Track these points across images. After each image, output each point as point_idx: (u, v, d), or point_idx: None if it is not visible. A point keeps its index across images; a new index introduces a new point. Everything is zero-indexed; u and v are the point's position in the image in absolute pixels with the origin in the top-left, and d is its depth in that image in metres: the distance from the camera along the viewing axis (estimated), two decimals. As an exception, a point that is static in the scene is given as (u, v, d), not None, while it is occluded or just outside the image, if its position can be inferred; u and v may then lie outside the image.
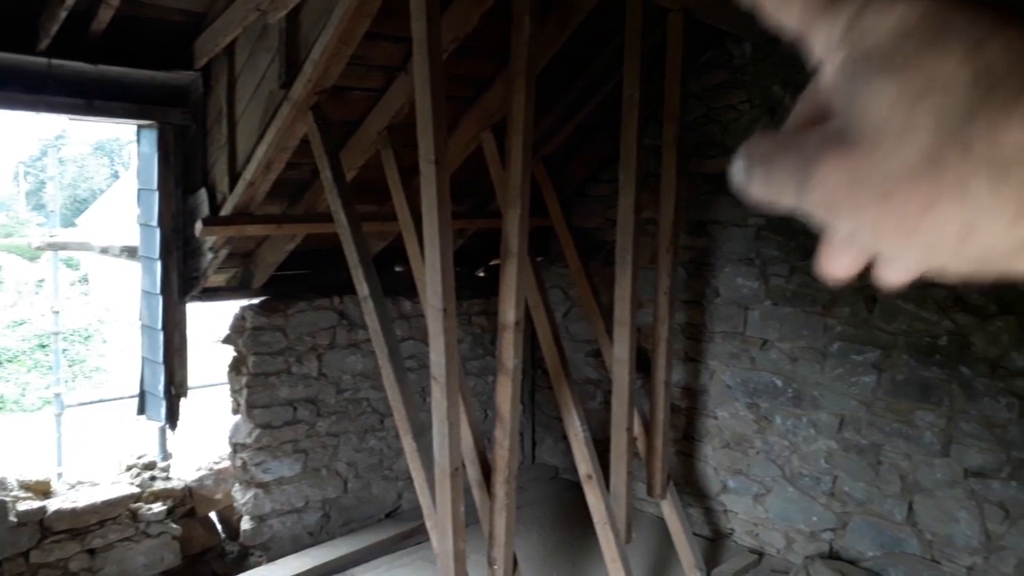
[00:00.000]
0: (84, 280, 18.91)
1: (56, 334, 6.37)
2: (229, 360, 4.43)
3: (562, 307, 5.54)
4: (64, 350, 14.55)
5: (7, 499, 3.63)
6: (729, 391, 4.72)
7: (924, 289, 3.94)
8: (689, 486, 4.91)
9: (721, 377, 4.75)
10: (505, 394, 3.34)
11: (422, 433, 3.37)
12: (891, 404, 4.07)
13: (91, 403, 6.43)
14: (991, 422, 3.77)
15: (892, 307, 4.04)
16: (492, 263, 5.82)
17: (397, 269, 5.26)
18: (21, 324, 15.81)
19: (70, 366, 13.90)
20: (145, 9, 3.56)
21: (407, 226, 3.78)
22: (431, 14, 2.79)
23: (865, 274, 0.36)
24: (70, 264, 17.47)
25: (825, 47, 0.30)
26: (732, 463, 4.73)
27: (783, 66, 4.38)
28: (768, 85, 4.46)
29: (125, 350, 9.09)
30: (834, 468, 4.31)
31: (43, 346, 14.75)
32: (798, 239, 4.38)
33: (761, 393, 4.58)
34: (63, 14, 3.31)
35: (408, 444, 3.35)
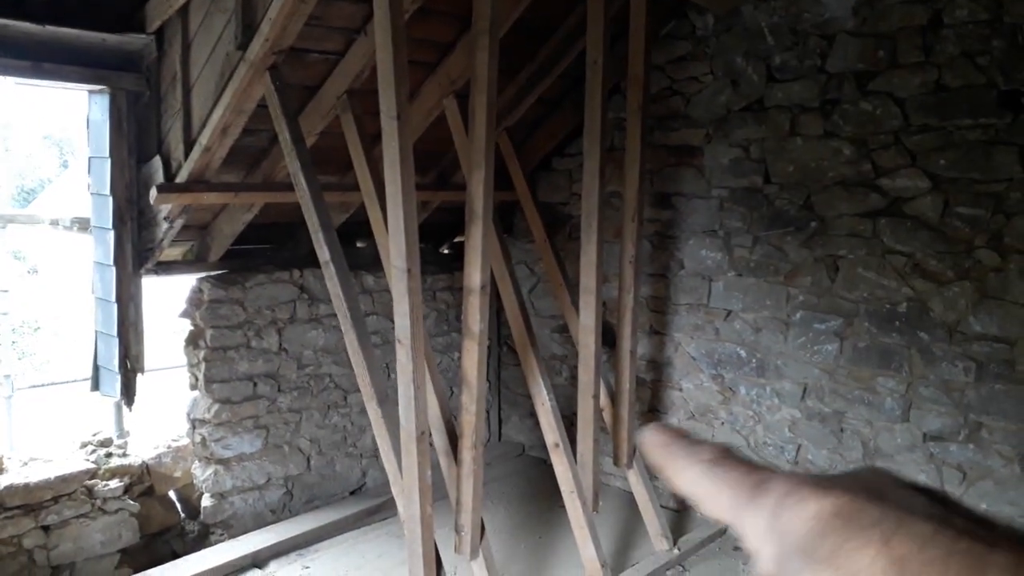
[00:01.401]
0: (33, 271, 18.39)
1: (3, 315, 6.16)
2: (185, 334, 4.32)
3: (527, 283, 5.52)
4: (13, 342, 14.15)
5: (-47, 475, 3.50)
6: (694, 363, 4.74)
7: (884, 257, 3.99)
8: (654, 458, 4.92)
9: (686, 349, 4.76)
10: (471, 360, 3.31)
11: (387, 399, 3.32)
12: (853, 372, 4.12)
13: (43, 386, 6.26)
14: (949, 386, 3.83)
15: (853, 275, 4.09)
16: (457, 239, 5.77)
17: (359, 245, 5.19)
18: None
19: (19, 359, 13.51)
20: (95, -31, 3.45)
21: (369, 194, 3.71)
22: (392, -34, 2.72)
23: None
24: (18, 257, 16.98)
25: (754, 538, 0.33)
26: (698, 434, 4.75)
27: (745, 38, 4.40)
28: (731, 57, 4.47)
29: (77, 341, 8.84)
30: (798, 437, 4.36)
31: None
32: (760, 210, 4.40)
33: (725, 364, 4.60)
34: (8, -31, 3.19)
35: (372, 410, 3.30)
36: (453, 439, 3.47)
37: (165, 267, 4.30)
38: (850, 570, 0.27)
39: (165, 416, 5.17)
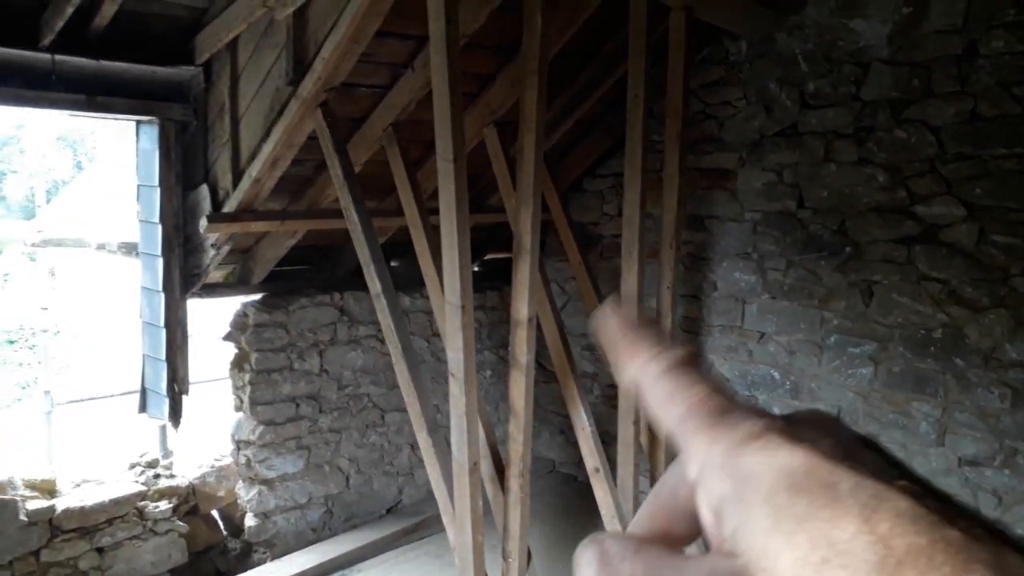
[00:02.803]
0: (51, 274, 18.54)
1: (44, 331, 6.27)
2: (231, 357, 4.41)
3: (558, 301, 5.59)
4: (33, 346, 14.28)
5: (16, 498, 3.60)
6: (727, 384, 4.80)
7: (919, 283, 4.05)
8: (687, 477, 4.99)
9: (719, 370, 4.83)
10: (519, 390, 3.38)
11: (437, 428, 3.40)
12: (887, 396, 4.18)
13: (81, 401, 6.37)
14: (984, 412, 3.89)
15: (888, 301, 4.14)
16: (487, 256, 5.84)
17: (393, 264, 5.27)
18: (-10, 318, 15.46)
19: (39, 363, 13.65)
20: (147, 4, 3.53)
21: (414, 223, 3.78)
22: (449, 15, 2.80)
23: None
24: (34, 259, 17.12)
25: (701, 468, 0.29)
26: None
27: (779, 64, 4.45)
28: (765, 83, 4.53)
29: (114, 358, 8.97)
30: (831, 458, 4.41)
31: (11, 342, 14.46)
32: (794, 234, 4.46)
33: (759, 385, 4.67)
34: (69, 10, 3.27)
35: (423, 440, 3.38)
36: (499, 464, 3.55)
37: (209, 290, 4.39)
38: (827, 539, 0.24)
39: (204, 430, 5.27)
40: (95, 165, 17.28)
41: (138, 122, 4.05)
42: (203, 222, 3.80)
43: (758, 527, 0.26)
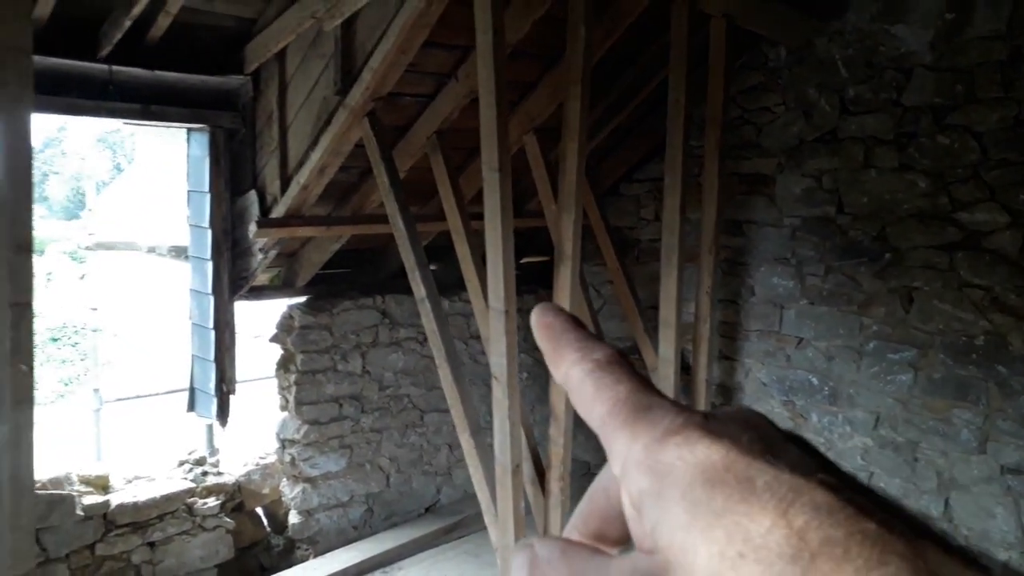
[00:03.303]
0: (100, 275, 18.96)
1: (94, 331, 6.45)
2: (277, 358, 4.53)
3: (594, 305, 5.63)
4: (75, 343, 14.65)
5: (73, 493, 3.74)
6: (765, 388, 4.81)
7: (961, 290, 4.03)
8: (723, 481, 5.01)
9: (756, 375, 4.84)
10: (559, 394, 3.44)
11: (480, 431, 3.47)
12: (927, 402, 4.16)
13: (128, 399, 6.56)
14: (1027, 420, 3.86)
15: (928, 307, 4.13)
16: (523, 260, 5.90)
17: (432, 268, 5.35)
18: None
19: (81, 359, 14.01)
20: (199, 16, 3.64)
21: (457, 228, 3.86)
22: (497, 27, 2.86)
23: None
24: (75, 257, 17.54)
25: (623, 464, 0.29)
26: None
27: (819, 70, 4.45)
28: (804, 88, 4.53)
29: (143, 346, 9.21)
30: (870, 464, 4.41)
31: (55, 339, 14.84)
32: (833, 240, 4.46)
33: (797, 391, 4.67)
34: (127, 23, 3.39)
35: (466, 441, 3.45)
36: (539, 466, 3.61)
37: (256, 292, 4.51)
38: (743, 534, 0.24)
39: (248, 429, 5.40)
40: (135, 167, 17.64)
41: (189, 129, 4.18)
42: (253, 227, 3.91)
43: (675, 522, 0.26)
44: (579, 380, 0.32)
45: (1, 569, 2.24)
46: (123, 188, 14.72)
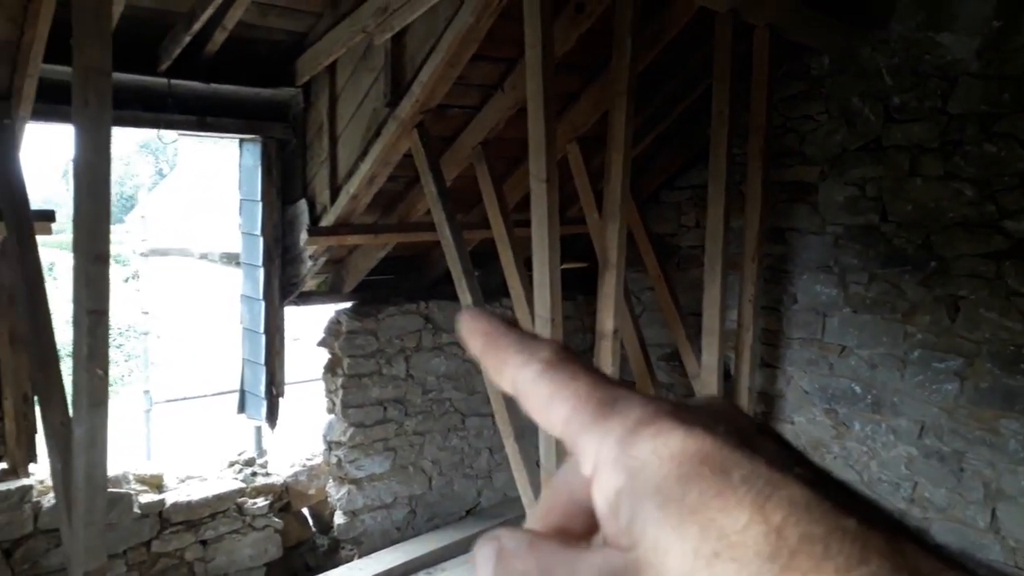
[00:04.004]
0: (135, 276, 19.40)
1: (145, 334, 6.66)
2: (324, 362, 4.64)
3: (634, 311, 5.66)
4: (120, 345, 15.00)
5: (130, 492, 3.88)
6: (807, 396, 4.80)
7: (1008, 299, 4.00)
8: (764, 488, 5.00)
9: (799, 383, 4.83)
10: (603, 400, 3.48)
11: (523, 436, 3.53)
12: (974, 412, 4.13)
13: (177, 400, 6.75)
14: (1077, 431, 3.81)
15: (975, 316, 4.10)
16: (561, 267, 5.95)
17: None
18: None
19: (126, 360, 14.35)
20: (253, 30, 3.75)
21: (501, 236, 3.93)
22: (546, 42, 2.93)
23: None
24: (118, 260, 17.95)
25: (593, 464, 0.27)
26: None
27: (863, 78, 4.45)
28: (847, 96, 4.53)
29: (191, 349, 9.45)
30: (914, 474, 4.38)
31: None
32: (877, 248, 4.45)
33: (839, 399, 4.66)
34: (187, 38, 3.52)
35: (511, 447, 3.52)
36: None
37: (304, 298, 4.62)
38: (718, 530, 0.23)
39: (295, 430, 5.52)
40: (177, 173, 18.01)
41: (241, 140, 4.31)
42: (304, 235, 4.03)
43: (649, 518, 0.25)
44: (530, 384, 0.30)
45: (76, 563, 2.36)
46: (166, 194, 15.08)
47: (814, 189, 4.70)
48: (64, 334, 3.80)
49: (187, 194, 11.10)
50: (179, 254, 5.95)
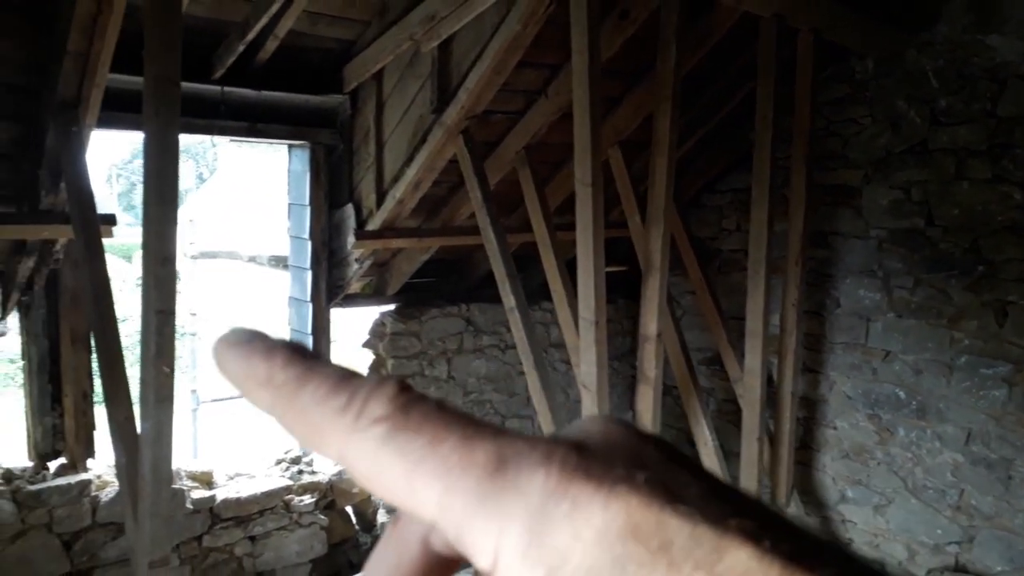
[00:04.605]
0: (183, 279, 19.79)
1: (193, 335, 6.83)
2: (368, 363, 4.72)
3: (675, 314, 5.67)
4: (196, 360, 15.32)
5: (184, 488, 3.99)
6: (849, 402, 4.77)
7: (1059, 304, 3.94)
8: (806, 495, 4.98)
9: (841, 388, 4.80)
10: (647, 403, 3.51)
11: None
12: (1023, 419, 4.07)
13: (224, 399, 6.91)
14: None
15: (1024, 322, 4.05)
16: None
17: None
18: (122, 321, 16.69)
19: (202, 374, 14.63)
20: (303, 38, 3.85)
21: (543, 240, 3.98)
22: (592, 49, 2.97)
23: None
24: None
25: (493, 559, 0.22)
26: (851, 473, 4.79)
27: (908, 81, 4.41)
28: (891, 99, 4.50)
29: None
30: (961, 481, 4.33)
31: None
32: (922, 252, 4.41)
33: (883, 404, 4.62)
34: (241, 47, 3.62)
35: (554, 448, 3.55)
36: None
37: (349, 300, 4.72)
38: None
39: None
40: (218, 177, 18.33)
41: (290, 146, 4.41)
42: (351, 239, 4.12)
43: None
44: (372, 454, 0.23)
45: (141, 553, 2.45)
46: (209, 197, 15.41)
47: (857, 193, 4.67)
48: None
49: (230, 198, 11.34)
50: (227, 257, 6.11)
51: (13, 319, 4.02)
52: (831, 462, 4.88)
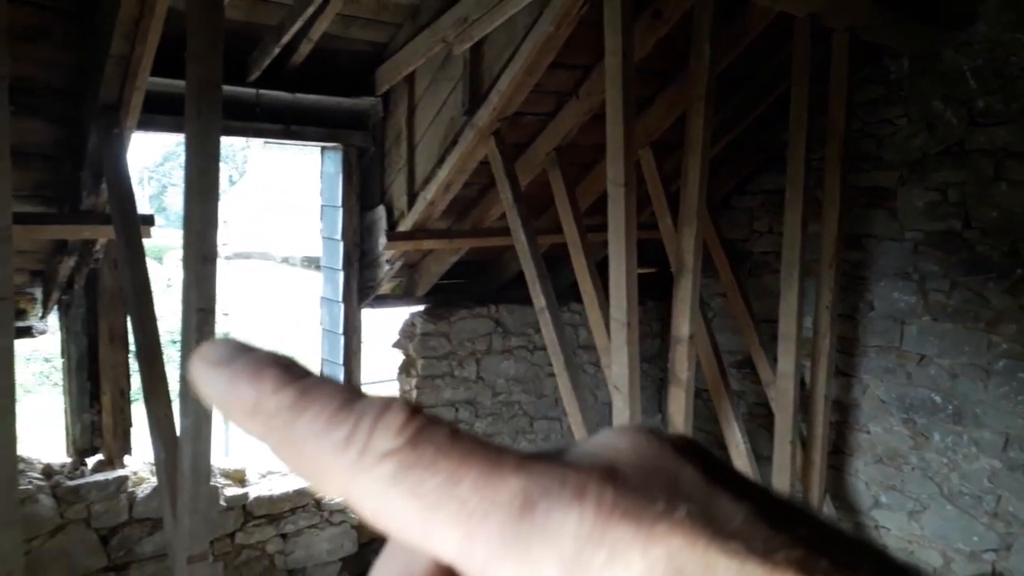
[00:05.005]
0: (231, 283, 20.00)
1: (226, 335, 6.92)
2: (399, 363, 4.76)
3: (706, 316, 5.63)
4: (174, 340, 15.53)
5: (217, 485, 4.04)
6: (883, 406, 4.71)
7: (1101, 308, 3.86)
8: (839, 500, 4.92)
9: (875, 392, 4.74)
10: (678, 405, 3.50)
11: (597, 439, 3.56)
12: (1063, 424, 3.99)
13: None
14: None
15: (1065, 325, 3.97)
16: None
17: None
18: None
19: None
20: (336, 41, 3.89)
21: (574, 241, 3.98)
22: (626, 49, 2.97)
23: None
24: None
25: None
26: (885, 478, 4.72)
27: (944, 81, 4.35)
28: (927, 100, 4.44)
29: (261, 347, 9.71)
30: (998, 487, 4.26)
31: (174, 342, 15.78)
32: (959, 254, 4.34)
33: (918, 409, 4.56)
34: (276, 50, 3.66)
35: (584, 449, 3.55)
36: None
37: (380, 300, 4.75)
38: None
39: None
40: (248, 179, 18.51)
41: (323, 148, 4.46)
42: (382, 240, 4.15)
43: None
44: (380, 495, 0.20)
45: (179, 548, 2.49)
46: (240, 199, 15.61)
47: (892, 194, 4.61)
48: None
49: (261, 199, 11.47)
50: (260, 257, 6.19)
51: (52, 318, 4.09)
52: (864, 467, 4.82)
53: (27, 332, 3.86)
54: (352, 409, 0.21)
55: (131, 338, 3.48)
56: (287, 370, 0.22)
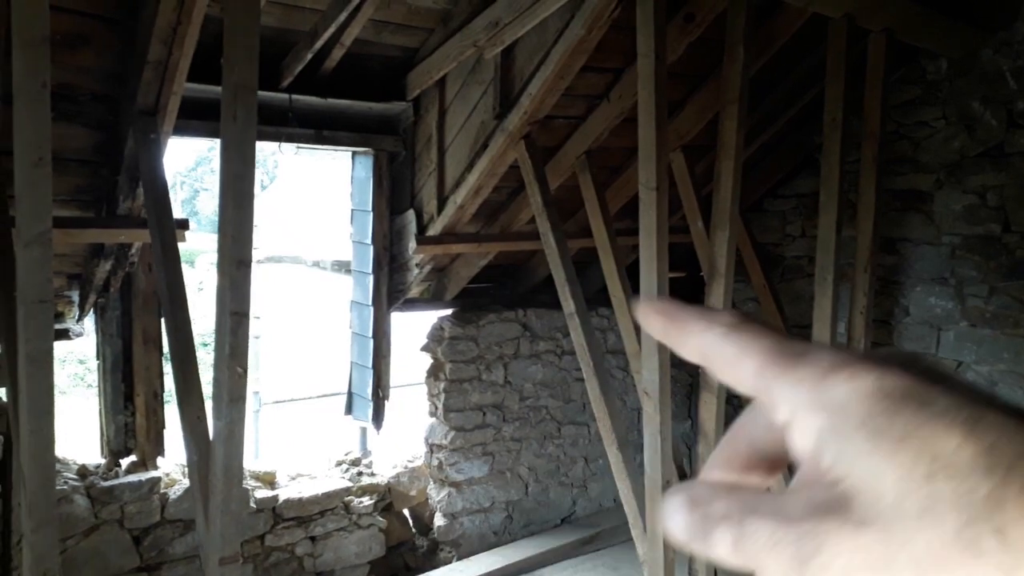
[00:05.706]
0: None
1: (256, 338, 7.00)
2: (427, 366, 4.76)
3: (734, 322, 5.57)
4: (205, 343, 15.70)
5: (248, 487, 4.08)
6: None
7: None
8: (872, 508, 4.83)
9: (910, 399, 4.65)
10: (710, 412, 3.46)
11: (627, 444, 3.53)
12: (1108, 434, 3.88)
13: (283, 402, 7.05)
14: None
15: (1110, 333, 3.86)
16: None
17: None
18: (189, 323, 17.02)
19: (265, 376, 14.96)
20: (368, 46, 3.90)
21: (603, 245, 3.96)
22: (659, 52, 2.95)
23: None
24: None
25: (790, 410, 0.28)
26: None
27: (983, 82, 4.27)
28: (966, 101, 4.35)
29: (294, 351, 9.83)
30: (1039, 498, 4.15)
31: (206, 344, 15.95)
32: (999, 259, 4.25)
33: (955, 417, 4.46)
34: (308, 56, 3.69)
35: (613, 455, 3.53)
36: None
37: (409, 304, 4.76)
38: (931, 454, 0.24)
39: (395, 432, 5.67)
40: (279, 184, 18.68)
41: (354, 152, 4.48)
42: (412, 244, 4.16)
43: (857, 450, 0.25)
44: (716, 346, 0.31)
45: (211, 550, 2.50)
46: (271, 203, 15.77)
47: (929, 198, 4.53)
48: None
49: (292, 204, 11.58)
50: (291, 261, 6.25)
51: (88, 321, 4.16)
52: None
53: (64, 335, 3.92)
54: (710, 311, 0.32)
55: (165, 340, 3.53)
56: (681, 302, 0.32)
